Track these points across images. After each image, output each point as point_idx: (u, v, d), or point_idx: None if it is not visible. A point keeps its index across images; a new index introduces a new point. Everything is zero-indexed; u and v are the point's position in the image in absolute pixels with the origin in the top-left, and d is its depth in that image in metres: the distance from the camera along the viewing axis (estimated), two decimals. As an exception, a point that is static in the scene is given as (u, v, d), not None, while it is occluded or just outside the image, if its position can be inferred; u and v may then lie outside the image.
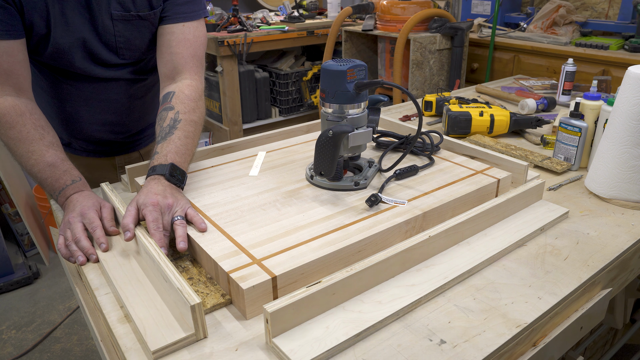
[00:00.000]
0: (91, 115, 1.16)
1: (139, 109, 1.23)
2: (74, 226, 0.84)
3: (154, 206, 0.83)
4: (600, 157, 1.04)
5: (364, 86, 0.90)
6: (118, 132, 1.22)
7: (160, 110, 1.01)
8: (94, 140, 1.22)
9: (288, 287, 0.72)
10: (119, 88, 1.15)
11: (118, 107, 1.18)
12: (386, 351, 0.65)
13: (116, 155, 1.28)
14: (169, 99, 1.01)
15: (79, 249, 0.83)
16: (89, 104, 1.14)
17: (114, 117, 1.19)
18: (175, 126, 0.97)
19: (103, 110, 1.16)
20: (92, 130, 1.19)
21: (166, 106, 1.00)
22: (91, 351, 1.99)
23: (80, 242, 0.83)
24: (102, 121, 1.18)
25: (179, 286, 0.66)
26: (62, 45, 1.02)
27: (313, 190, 0.95)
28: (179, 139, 0.95)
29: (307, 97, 3.29)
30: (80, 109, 1.14)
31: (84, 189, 0.93)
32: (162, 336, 0.65)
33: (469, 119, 1.34)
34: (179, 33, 1.05)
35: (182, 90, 1.02)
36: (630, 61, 2.04)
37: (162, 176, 0.89)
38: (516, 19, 2.70)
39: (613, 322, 1.21)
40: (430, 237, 0.79)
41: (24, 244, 2.60)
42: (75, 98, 1.13)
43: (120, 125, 1.21)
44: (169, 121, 0.97)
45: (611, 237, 0.91)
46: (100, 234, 0.84)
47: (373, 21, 2.62)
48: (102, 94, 1.13)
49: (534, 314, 0.71)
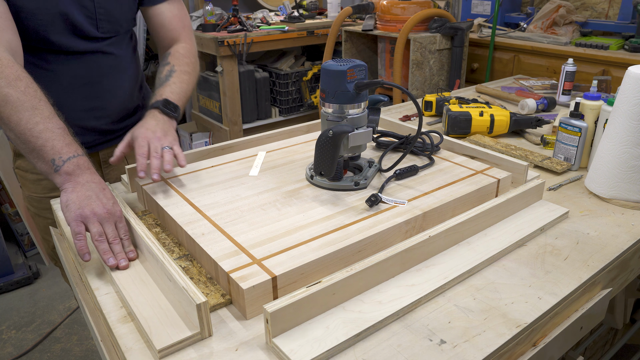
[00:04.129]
0: (73, 100, 1.14)
1: (118, 91, 1.21)
2: (108, 226, 0.81)
3: (143, 139, 0.96)
4: (600, 157, 1.04)
5: (364, 86, 0.90)
6: (100, 116, 1.19)
7: (159, 67, 1.17)
8: (77, 130, 1.16)
9: (288, 287, 0.72)
10: (97, 64, 1.14)
11: (98, 89, 1.16)
12: (386, 351, 0.65)
13: (100, 150, 1.26)
14: (166, 58, 1.17)
15: (113, 251, 0.79)
16: (69, 88, 1.12)
17: (95, 100, 1.17)
18: (170, 75, 1.12)
19: (83, 94, 1.15)
20: (75, 117, 1.15)
21: (163, 63, 1.17)
22: (91, 351, 1.99)
23: (115, 245, 0.80)
24: (84, 106, 1.16)
25: (184, 285, 0.66)
26: (40, 16, 1.00)
27: (313, 190, 0.95)
28: (174, 83, 1.10)
29: (307, 97, 3.29)
30: (61, 94, 1.11)
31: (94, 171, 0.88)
32: (167, 335, 0.65)
33: (469, 119, 1.35)
34: (168, 12, 1.21)
35: (177, 50, 1.19)
36: (630, 61, 2.04)
37: (156, 109, 1.03)
38: (516, 19, 2.70)
39: (613, 322, 1.21)
40: (430, 237, 0.79)
41: (24, 244, 2.60)
42: (55, 83, 1.10)
43: (102, 109, 1.19)
44: (165, 72, 1.13)
45: (611, 237, 0.91)
46: (130, 244, 0.83)
47: (373, 21, 2.62)
48: (80, 71, 1.12)
49: (534, 314, 0.71)
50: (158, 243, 0.77)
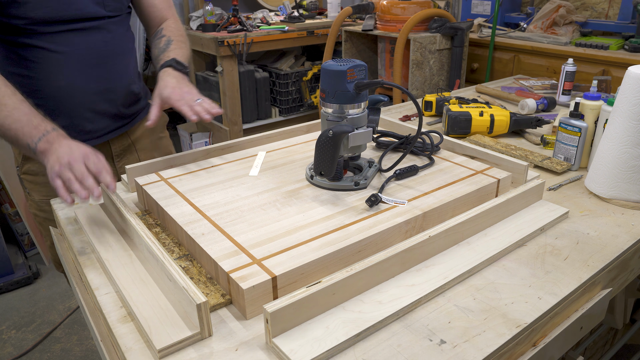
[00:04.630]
0: (85, 82, 1.16)
1: (124, 73, 1.25)
2: (78, 167, 0.86)
3: (177, 95, 1.06)
4: (600, 157, 1.04)
5: (364, 86, 0.90)
6: (111, 99, 1.22)
7: (154, 42, 1.27)
8: (91, 116, 1.21)
9: (288, 287, 0.72)
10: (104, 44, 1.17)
11: (107, 71, 1.19)
12: (386, 351, 0.65)
13: (111, 138, 1.28)
14: (159, 33, 1.27)
15: (85, 187, 0.85)
16: (81, 70, 1.14)
17: (105, 82, 1.19)
18: (169, 43, 1.23)
19: (94, 76, 1.17)
20: (88, 101, 1.18)
21: (158, 36, 1.27)
22: (91, 351, 1.99)
23: (86, 181, 0.85)
24: (96, 89, 1.18)
25: (184, 285, 0.67)
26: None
27: (313, 190, 0.95)
28: (174, 49, 1.21)
29: (307, 97, 3.29)
30: (74, 77, 1.14)
31: (68, 138, 0.94)
32: (167, 335, 0.65)
33: (469, 119, 1.35)
34: None
35: (169, 25, 1.30)
36: (630, 61, 2.04)
37: (169, 67, 1.13)
38: (516, 19, 2.70)
39: (613, 322, 1.21)
40: (430, 237, 0.79)
41: (24, 244, 2.60)
42: (67, 66, 1.12)
43: (112, 92, 1.21)
44: (163, 42, 1.23)
45: (611, 237, 0.91)
46: (107, 175, 0.89)
47: (373, 21, 2.62)
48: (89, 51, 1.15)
49: (534, 314, 0.71)
50: (158, 243, 0.77)
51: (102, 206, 1.00)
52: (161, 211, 0.91)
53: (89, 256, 0.87)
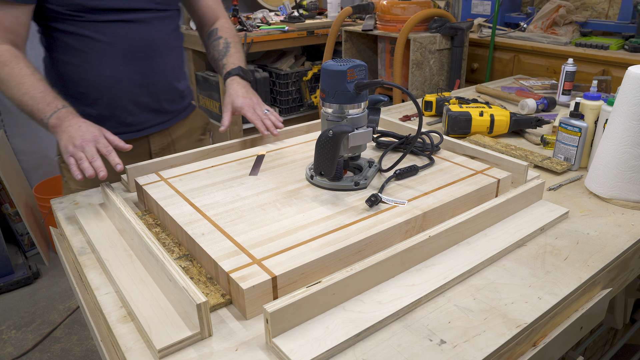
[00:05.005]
0: (129, 74, 1.19)
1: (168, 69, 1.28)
2: (88, 149, 0.97)
3: (248, 106, 1.20)
4: (600, 157, 1.04)
5: (364, 86, 0.90)
6: (153, 93, 1.25)
7: (210, 41, 1.36)
8: (133, 109, 1.23)
9: (288, 287, 0.72)
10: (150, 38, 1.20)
11: (150, 65, 1.22)
12: (386, 351, 0.65)
13: (150, 133, 1.30)
14: (215, 33, 1.35)
15: (93, 167, 0.95)
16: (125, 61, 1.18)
17: (149, 76, 1.23)
18: (228, 46, 1.32)
19: (138, 69, 1.20)
20: (131, 93, 1.21)
21: (215, 37, 1.35)
22: (91, 351, 1.99)
23: (95, 161, 0.96)
24: (139, 81, 1.21)
25: (184, 285, 0.67)
26: None
27: (313, 190, 0.95)
28: (235, 53, 1.32)
29: (307, 97, 3.29)
30: (118, 68, 1.17)
31: (78, 116, 1.03)
32: (167, 335, 0.65)
33: (469, 119, 1.35)
34: None
35: (222, 25, 1.37)
36: (630, 61, 2.04)
37: (236, 76, 1.25)
38: (516, 19, 2.70)
39: (613, 322, 1.21)
40: (430, 237, 0.79)
41: (24, 244, 2.60)
42: (112, 56, 1.16)
43: (154, 86, 1.25)
44: (222, 45, 1.33)
45: (611, 237, 0.91)
46: (115, 156, 0.98)
47: (373, 21, 2.62)
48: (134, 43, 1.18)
49: (534, 314, 0.71)
50: (158, 243, 0.77)
51: (102, 206, 1.00)
52: (161, 211, 0.91)
53: (89, 256, 0.87)
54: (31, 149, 2.65)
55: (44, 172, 2.71)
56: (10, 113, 2.54)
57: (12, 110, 2.53)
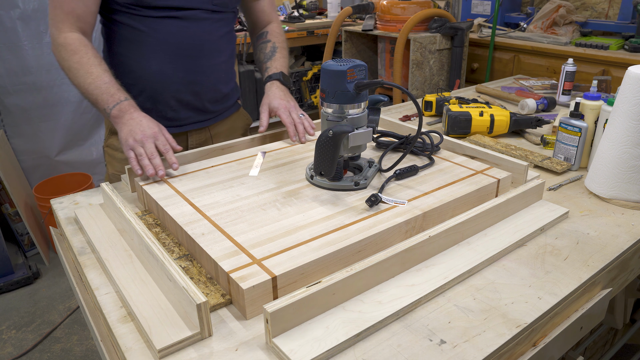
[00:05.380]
0: (175, 71, 1.22)
1: (215, 70, 1.29)
2: (148, 145, 1.00)
3: (284, 109, 1.23)
4: (600, 157, 1.04)
5: (364, 86, 0.90)
6: (197, 92, 1.27)
7: (258, 43, 1.40)
8: (174, 105, 1.26)
9: (288, 287, 0.72)
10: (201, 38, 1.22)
11: (198, 64, 1.24)
12: (386, 351, 0.65)
13: (189, 130, 1.32)
14: (265, 36, 1.39)
15: (153, 165, 0.99)
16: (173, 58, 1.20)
17: (195, 75, 1.25)
18: (274, 51, 1.36)
19: (185, 67, 1.22)
20: (175, 90, 1.23)
21: (263, 40, 1.39)
22: (91, 351, 1.99)
23: (154, 159, 0.99)
24: (184, 79, 1.23)
25: (184, 285, 0.66)
26: None
27: (313, 190, 0.95)
28: (279, 58, 1.36)
29: (307, 97, 3.29)
30: (165, 64, 1.20)
31: (139, 110, 1.07)
32: (167, 335, 0.65)
33: (469, 119, 1.34)
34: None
35: (273, 29, 1.41)
36: (630, 61, 2.04)
37: (277, 80, 1.29)
38: (516, 19, 2.70)
39: (613, 322, 1.21)
40: (430, 237, 0.79)
41: (24, 244, 2.60)
42: (161, 52, 1.19)
43: (199, 84, 1.26)
44: (269, 48, 1.37)
45: (611, 237, 0.91)
46: (172, 155, 1.02)
47: (373, 21, 2.62)
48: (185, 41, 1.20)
49: (534, 314, 0.71)
50: (158, 243, 0.77)
51: (102, 206, 1.00)
52: (161, 211, 0.91)
53: (89, 256, 0.87)
54: (31, 149, 2.65)
55: (44, 172, 2.71)
56: (10, 113, 2.54)
57: (12, 111, 2.53)
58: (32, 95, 2.54)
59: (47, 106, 2.59)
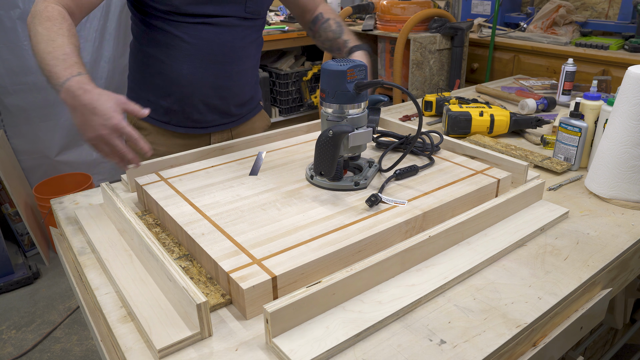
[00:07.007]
0: (205, 76, 1.23)
1: (243, 75, 1.31)
2: (114, 143, 0.87)
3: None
4: (600, 157, 1.04)
5: (364, 86, 0.90)
6: (224, 96, 1.28)
7: (319, 24, 1.37)
8: (202, 108, 1.27)
9: (288, 287, 0.72)
10: (232, 44, 1.23)
11: (227, 70, 1.25)
12: (386, 351, 0.65)
13: (212, 132, 1.33)
14: (322, 17, 1.37)
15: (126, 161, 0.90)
16: (204, 63, 1.21)
17: (223, 80, 1.26)
18: (340, 25, 1.35)
19: (215, 72, 1.24)
20: (203, 94, 1.25)
21: (323, 20, 1.36)
22: (91, 351, 1.99)
23: (126, 156, 0.88)
24: (213, 84, 1.25)
25: (184, 285, 0.66)
26: None
27: (313, 190, 0.95)
28: (348, 32, 1.34)
29: (307, 97, 3.29)
30: (196, 68, 1.21)
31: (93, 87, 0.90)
32: (167, 335, 0.65)
33: (469, 119, 1.34)
34: None
35: (326, 9, 1.39)
36: (630, 61, 2.04)
37: (365, 51, 1.28)
38: (516, 19, 2.71)
39: (613, 322, 1.21)
40: (430, 237, 0.79)
41: (24, 244, 2.60)
42: (193, 56, 1.20)
43: (227, 89, 1.28)
44: (334, 25, 1.35)
45: (611, 237, 0.91)
46: (145, 144, 0.88)
47: (373, 21, 2.62)
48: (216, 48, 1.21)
49: (534, 314, 0.71)
50: (158, 243, 0.77)
51: (102, 206, 1.00)
52: (161, 211, 0.91)
53: (89, 256, 0.87)
54: (31, 149, 2.65)
55: (44, 172, 2.71)
56: (10, 113, 2.54)
57: (12, 111, 2.53)
58: (32, 95, 2.54)
59: (47, 106, 2.59)
